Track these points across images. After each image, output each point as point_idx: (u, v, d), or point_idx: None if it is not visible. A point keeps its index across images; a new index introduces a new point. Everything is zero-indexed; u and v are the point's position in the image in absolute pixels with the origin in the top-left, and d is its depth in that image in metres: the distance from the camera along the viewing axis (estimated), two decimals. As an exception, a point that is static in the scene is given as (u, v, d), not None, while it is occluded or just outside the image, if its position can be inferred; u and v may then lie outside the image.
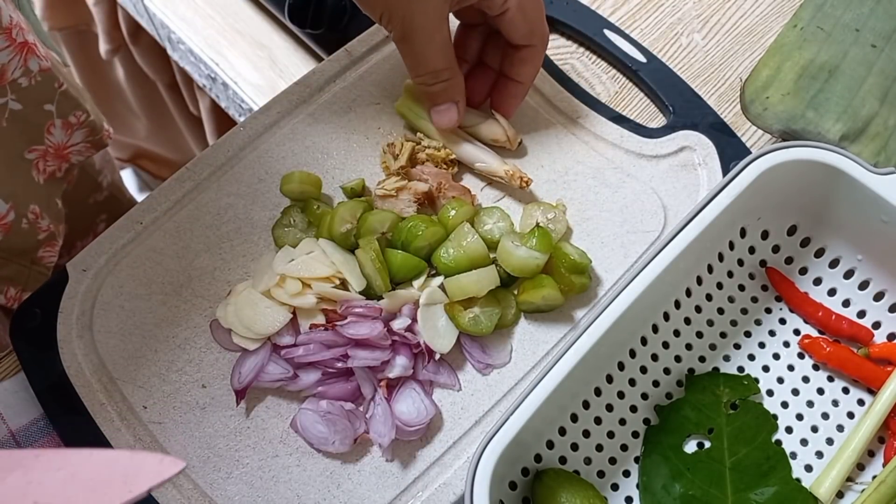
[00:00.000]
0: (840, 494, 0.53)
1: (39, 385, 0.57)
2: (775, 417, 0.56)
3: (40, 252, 0.68)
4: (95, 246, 0.60)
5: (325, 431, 0.54)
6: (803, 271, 0.60)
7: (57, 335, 0.57)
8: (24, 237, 0.65)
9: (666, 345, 0.57)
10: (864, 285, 0.58)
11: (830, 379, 0.58)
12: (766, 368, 0.58)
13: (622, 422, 0.55)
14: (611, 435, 0.55)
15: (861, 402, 0.57)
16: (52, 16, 1.26)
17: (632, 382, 0.56)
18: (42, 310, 0.58)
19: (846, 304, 0.59)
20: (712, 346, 0.58)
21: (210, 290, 0.59)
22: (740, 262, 0.60)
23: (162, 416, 0.55)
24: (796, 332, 0.59)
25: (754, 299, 0.60)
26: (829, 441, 0.56)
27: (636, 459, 0.55)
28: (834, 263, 0.59)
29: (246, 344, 0.56)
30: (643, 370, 0.56)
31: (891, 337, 0.57)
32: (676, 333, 0.57)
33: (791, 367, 0.58)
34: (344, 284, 0.57)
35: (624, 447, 0.55)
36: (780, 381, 0.58)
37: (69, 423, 0.55)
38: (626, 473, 0.55)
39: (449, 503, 0.53)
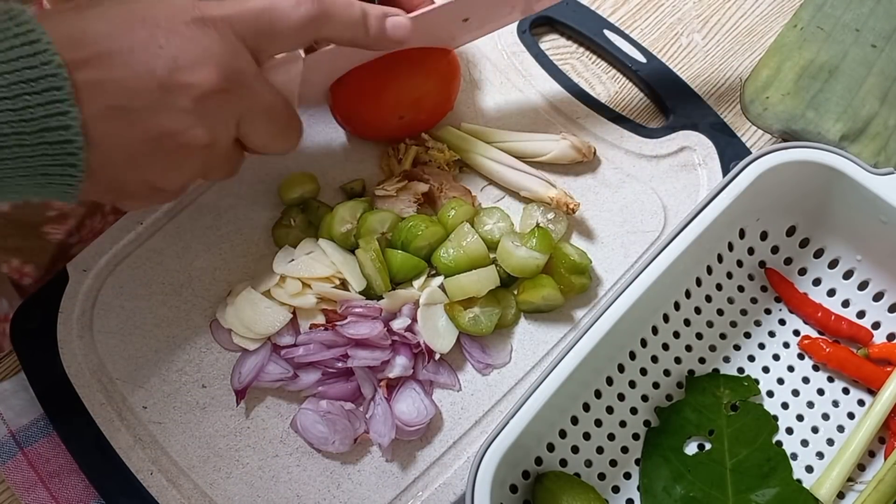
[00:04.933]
0: (841, 495, 0.53)
1: (39, 385, 0.57)
2: (775, 418, 0.56)
3: (46, 227, 0.66)
4: (95, 246, 0.60)
5: (325, 431, 0.54)
6: (802, 272, 0.60)
7: (57, 335, 0.57)
8: (35, 210, 0.64)
9: (665, 346, 0.57)
10: (863, 285, 0.58)
11: (830, 379, 0.58)
12: (765, 369, 0.58)
13: (622, 424, 0.55)
14: (611, 437, 0.55)
15: (861, 403, 0.57)
16: (52, 15, 1.25)
17: (632, 384, 0.56)
18: (42, 310, 0.58)
19: (846, 304, 0.59)
20: (712, 348, 0.58)
21: (210, 290, 0.59)
22: (739, 263, 0.60)
23: (162, 416, 0.55)
24: (796, 332, 0.59)
25: (754, 300, 0.60)
26: (830, 442, 0.56)
27: (637, 461, 0.55)
28: (833, 264, 0.59)
29: (246, 344, 0.56)
30: (643, 372, 0.56)
31: (890, 337, 0.57)
32: (676, 335, 0.57)
33: (791, 368, 0.58)
34: (344, 284, 0.57)
35: (624, 449, 0.55)
36: (781, 381, 0.58)
37: (69, 423, 0.55)
38: (627, 475, 0.55)
39: (449, 503, 0.53)
